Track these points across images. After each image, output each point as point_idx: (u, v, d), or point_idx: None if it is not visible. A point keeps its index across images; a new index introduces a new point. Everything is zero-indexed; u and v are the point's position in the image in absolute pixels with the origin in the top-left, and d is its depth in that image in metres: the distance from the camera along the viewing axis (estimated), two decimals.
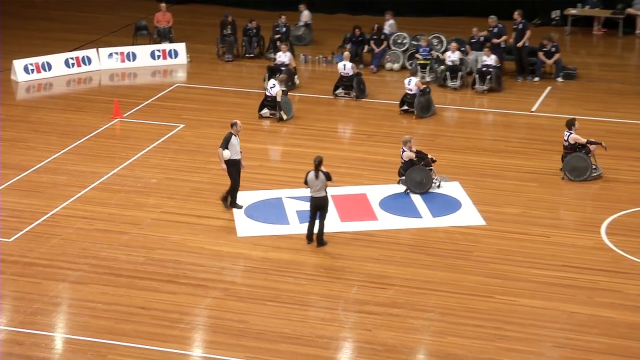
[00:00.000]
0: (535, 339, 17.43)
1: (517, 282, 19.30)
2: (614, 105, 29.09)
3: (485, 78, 30.01)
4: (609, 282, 19.23)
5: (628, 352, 16.97)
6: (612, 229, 21.34)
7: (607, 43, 36.21)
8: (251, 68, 31.70)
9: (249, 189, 23.35)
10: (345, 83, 30.10)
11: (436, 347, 17.24)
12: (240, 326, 17.75)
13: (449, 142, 26.39)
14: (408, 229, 21.54)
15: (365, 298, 18.82)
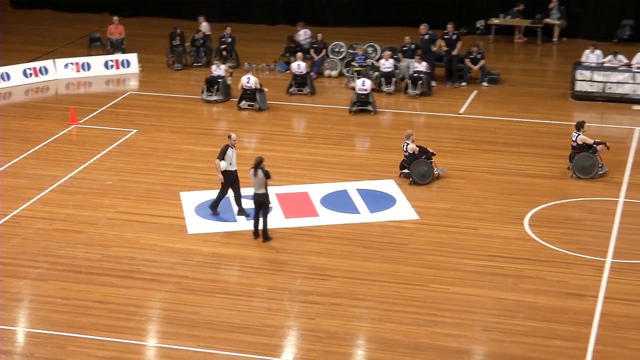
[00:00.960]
0: (466, 324, 17.53)
1: (449, 271, 19.40)
2: (534, 107, 29.34)
3: (417, 83, 30.13)
4: (533, 270, 19.39)
5: (551, 334, 17.12)
6: (534, 221, 21.52)
7: (528, 50, 36.49)
8: (199, 76, 31.51)
9: (199, 189, 23.28)
10: (299, 81, 30.70)
11: (375, 334, 17.28)
12: (192, 317, 17.66)
13: (384, 143, 26.45)
14: (347, 224, 21.55)
15: (308, 289, 18.81)
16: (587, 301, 18.17)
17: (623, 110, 28.89)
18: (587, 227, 21.60)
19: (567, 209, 22.30)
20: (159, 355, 16.81)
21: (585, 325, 17.38)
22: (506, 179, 23.92)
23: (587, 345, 16.77)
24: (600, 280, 18.93)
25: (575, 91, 29.98)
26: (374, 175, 24.09)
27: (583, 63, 30.26)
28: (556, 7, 36.60)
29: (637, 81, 29.32)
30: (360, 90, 28.85)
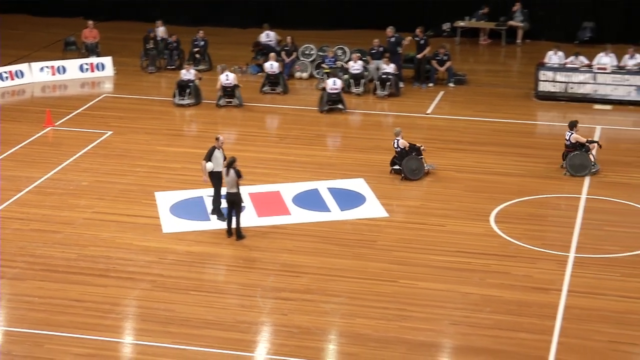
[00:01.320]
0: (434, 318, 17.57)
1: (417, 267, 19.44)
2: (499, 107, 29.45)
3: (385, 84, 30.17)
4: (499, 265, 19.47)
5: (517, 326, 17.21)
6: (500, 218, 21.60)
7: (492, 52, 36.64)
8: (173, 79, 31.38)
9: (174, 189, 23.22)
10: (272, 80, 30.90)
11: (346, 328, 17.29)
12: (167, 314, 17.62)
13: (354, 143, 26.48)
14: (318, 222, 21.55)
15: (280, 285, 18.79)
16: (551, 295, 18.27)
17: (585, 110, 29.03)
18: (551, 223, 21.73)
19: (532, 206, 22.39)
20: (134, 352, 16.73)
21: (550, 318, 17.47)
22: (472, 177, 24.00)
23: (552, 337, 16.86)
24: (563, 275, 19.04)
25: (538, 91, 30.12)
26: (344, 174, 24.11)
27: (546, 64, 30.41)
28: (519, 10, 36.78)
29: (598, 81, 29.51)
30: (332, 90, 28.97)
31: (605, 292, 18.39)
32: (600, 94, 29.53)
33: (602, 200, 22.55)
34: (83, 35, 34.85)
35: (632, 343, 16.79)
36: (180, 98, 29.46)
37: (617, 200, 22.51)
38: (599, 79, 29.55)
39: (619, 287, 18.58)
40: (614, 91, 29.44)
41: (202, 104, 29.70)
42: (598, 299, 18.13)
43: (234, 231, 20.61)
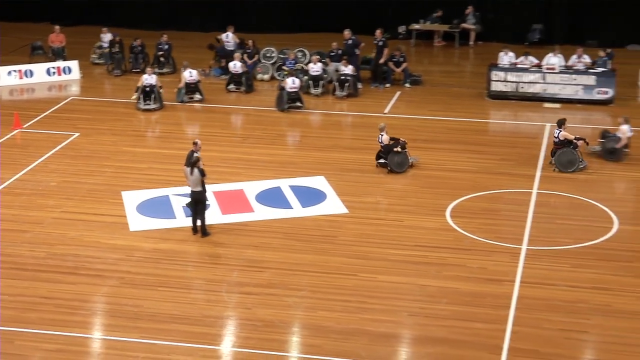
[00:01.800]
0: (393, 310, 17.62)
1: (377, 261, 19.48)
2: (453, 106, 29.57)
3: (344, 85, 30.20)
4: (454, 258, 19.55)
5: (472, 317, 17.29)
6: (455, 213, 21.69)
7: (446, 53, 36.79)
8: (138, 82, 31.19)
9: (140, 188, 23.10)
10: (236, 80, 31.05)
11: (308, 321, 17.29)
12: (135, 310, 17.53)
13: (314, 142, 26.49)
14: (281, 218, 21.53)
15: (244, 280, 18.77)
16: (504, 286, 18.37)
17: (535, 108, 29.25)
18: (504, 217, 21.84)
19: (485, 201, 22.50)
20: (103, 346, 16.64)
21: (504, 308, 17.57)
22: (428, 173, 24.08)
23: (506, 326, 16.96)
24: (516, 266, 19.15)
25: (490, 91, 30.28)
26: (305, 172, 24.10)
27: (497, 65, 30.58)
28: (472, 13, 36.98)
29: (547, 81, 29.72)
30: (291, 89, 29.14)
31: (556, 282, 18.53)
32: (550, 92, 29.74)
33: (552, 194, 22.73)
34: (50, 40, 34.57)
35: (582, 331, 16.94)
36: (145, 103, 29.20)
37: (566, 194, 22.69)
38: (548, 79, 29.76)
39: (569, 277, 18.73)
40: (563, 90, 29.66)
41: (165, 106, 29.52)
42: (549, 289, 18.27)
43: (199, 228, 20.54)
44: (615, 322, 17.14)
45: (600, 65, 29.96)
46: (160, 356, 16.16)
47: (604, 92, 29.41)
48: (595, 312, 17.50)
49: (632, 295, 18.04)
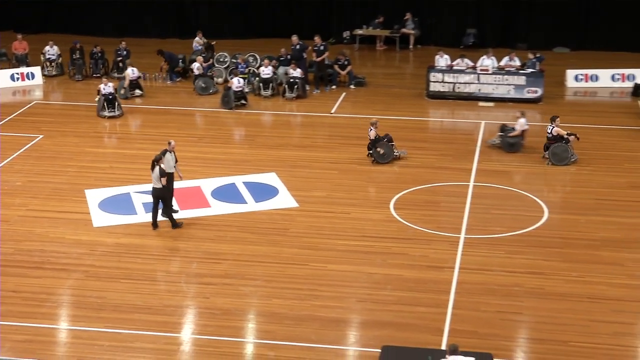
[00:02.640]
0: (343, 296, 17.66)
1: (326, 251, 19.50)
2: (395, 106, 29.67)
3: (293, 87, 30.17)
4: (398, 247, 19.64)
5: (416, 301, 17.39)
6: (399, 205, 21.78)
7: (388, 56, 36.92)
8: (98, 86, 30.87)
9: (102, 186, 22.89)
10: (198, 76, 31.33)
11: (263, 309, 17.28)
12: (99, 301, 17.39)
13: (266, 141, 26.43)
14: (236, 213, 21.47)
15: (203, 272, 18.69)
16: (445, 272, 18.50)
17: (470, 107, 29.45)
18: (444, 208, 21.98)
19: (426, 194, 22.61)
20: (70, 336, 16.48)
21: (444, 292, 17.69)
22: (373, 168, 24.15)
23: (447, 310, 17.08)
24: (455, 254, 19.28)
25: (429, 91, 30.44)
26: (257, 169, 24.05)
27: (435, 67, 30.74)
28: (411, 19, 37.14)
29: (482, 81, 29.94)
30: (237, 88, 29.35)
31: (492, 268, 18.69)
32: (484, 92, 29.96)
33: (487, 186, 22.91)
34: (13, 47, 34.12)
35: (517, 312, 17.11)
36: (109, 111, 28.75)
37: (500, 186, 22.89)
38: (482, 79, 29.98)
39: (504, 263, 18.91)
40: (496, 90, 29.89)
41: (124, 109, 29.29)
42: (486, 275, 18.43)
43: (159, 223, 20.41)
44: (547, 304, 17.34)
45: (530, 67, 30.24)
46: (124, 344, 16.05)
47: (534, 91, 29.70)
48: (528, 295, 17.69)
49: (562, 279, 18.26)
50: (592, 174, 23.68)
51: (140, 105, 29.63)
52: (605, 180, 23.27)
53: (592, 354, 15.75)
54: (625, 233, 20.21)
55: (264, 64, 30.92)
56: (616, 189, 22.83)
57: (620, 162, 24.34)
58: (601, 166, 24.13)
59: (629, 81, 31.39)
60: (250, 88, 30.87)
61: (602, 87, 31.52)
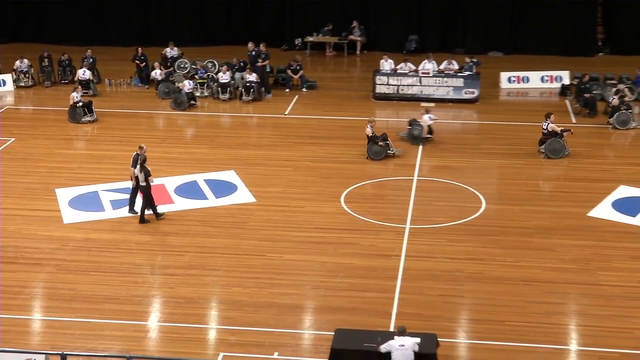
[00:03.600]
0: (298, 284, 17.67)
1: (282, 242, 19.49)
2: (344, 107, 29.71)
3: (249, 91, 30.06)
4: (349, 238, 19.68)
5: (366, 287, 17.46)
6: (348, 198, 21.83)
7: (337, 61, 36.94)
8: (67, 92, 30.48)
9: (72, 185, 22.62)
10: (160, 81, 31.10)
11: (225, 297, 17.23)
12: (71, 293, 17.22)
13: (225, 141, 26.32)
14: (197, 208, 21.35)
15: (167, 263, 18.59)
16: (392, 260, 18.59)
17: (413, 107, 29.50)
18: (390, 201, 22.07)
19: (374, 188, 22.70)
20: (43, 326, 16.28)
21: (392, 279, 17.78)
22: (325, 165, 24.17)
23: (394, 295, 17.17)
24: (402, 243, 19.38)
25: (375, 93, 30.52)
26: (217, 167, 23.94)
27: (381, 70, 30.84)
28: (357, 27, 37.21)
29: (423, 84, 30.08)
30: (189, 90, 29.45)
31: (435, 255, 18.82)
32: (425, 93, 30.11)
33: (430, 180, 23.05)
34: None
35: (458, 295, 17.25)
36: (90, 116, 28.31)
37: (442, 180, 23.04)
38: (423, 82, 30.12)
39: (446, 250, 19.05)
40: (436, 91, 30.06)
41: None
42: (430, 261, 18.55)
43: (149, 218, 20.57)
44: (486, 287, 17.51)
45: (467, 70, 30.48)
46: (94, 332, 15.90)
47: (471, 92, 29.93)
48: (469, 279, 17.84)
49: (499, 264, 18.45)
50: (524, 167, 23.94)
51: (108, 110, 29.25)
52: (537, 173, 23.55)
53: (527, 332, 15.94)
54: (555, 221, 20.47)
55: (222, 70, 30.76)
56: (546, 181, 23.12)
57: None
58: (533, 160, 24.40)
59: (557, 82, 31.81)
60: (209, 92, 30.72)
61: (532, 87, 31.88)
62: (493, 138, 26.34)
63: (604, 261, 18.53)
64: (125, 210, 20.96)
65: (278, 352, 15.30)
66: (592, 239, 19.54)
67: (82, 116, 27.95)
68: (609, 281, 17.69)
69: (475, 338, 15.83)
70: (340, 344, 14.46)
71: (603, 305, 16.81)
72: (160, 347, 15.56)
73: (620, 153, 25.16)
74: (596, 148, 25.44)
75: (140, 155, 20.69)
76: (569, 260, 18.61)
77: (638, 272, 18.03)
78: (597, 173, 23.45)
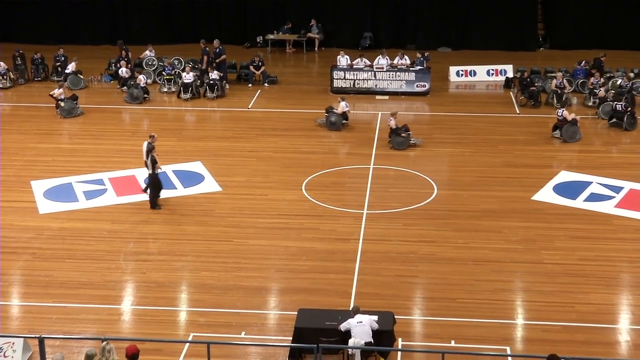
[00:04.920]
0: (263, 268, 17.66)
1: (248, 228, 19.46)
2: (304, 100, 29.67)
3: (213, 88, 29.80)
4: (310, 223, 19.72)
5: (327, 270, 17.52)
6: (309, 186, 21.85)
7: (297, 58, 36.85)
8: (39, 89, 30.09)
9: (46, 177, 22.33)
10: (124, 83, 30.49)
11: (194, 281, 17.17)
12: (47, 279, 17.04)
13: (192, 134, 26.18)
14: (167, 197, 21.20)
15: (139, 250, 18.47)
16: (351, 243, 18.65)
17: (369, 100, 29.67)
18: (348, 188, 22.12)
19: (333, 176, 22.72)
20: (21, 311, 16.11)
21: (351, 261, 17.85)
22: (287, 155, 24.15)
23: (353, 276, 17.24)
24: (360, 227, 19.45)
25: (333, 87, 30.52)
26: (185, 158, 23.80)
27: (338, 66, 30.83)
28: (315, 25, 37.14)
29: (378, 78, 30.14)
30: (143, 84, 29.40)
31: (391, 238, 18.92)
32: (380, 87, 30.19)
33: (385, 168, 23.14)
34: None
35: (413, 276, 17.37)
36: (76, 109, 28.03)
37: (396, 168, 23.14)
38: (378, 76, 30.18)
39: (401, 234, 19.16)
40: (390, 85, 30.15)
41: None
42: (386, 244, 18.65)
43: None
44: (439, 267, 17.65)
45: (418, 64, 30.60)
46: (70, 317, 15.77)
47: (422, 86, 30.06)
48: (423, 260, 17.97)
49: (450, 245, 18.60)
50: (473, 155, 24.13)
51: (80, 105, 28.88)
52: (484, 160, 23.76)
53: (477, 308, 16.10)
54: (501, 204, 20.68)
55: (186, 70, 30.13)
56: (493, 167, 23.34)
57: (496, 145, 24.85)
58: (481, 148, 24.61)
59: (502, 75, 32.07)
60: (176, 88, 30.44)
61: (479, 80, 32.11)
62: (443, 128, 26.51)
63: (546, 241, 18.77)
64: (98, 201, 20.77)
65: (245, 331, 15.30)
66: (535, 221, 19.77)
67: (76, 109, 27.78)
68: (552, 260, 17.94)
69: (429, 315, 15.96)
70: (303, 322, 14.51)
71: (546, 282, 17.05)
72: (134, 329, 15.48)
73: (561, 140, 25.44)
74: (539, 136, 25.72)
75: (149, 144, 20.55)
76: (514, 240, 18.83)
77: (578, 251, 18.31)
78: (540, 159, 23.73)
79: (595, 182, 21.83)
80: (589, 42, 35.87)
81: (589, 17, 36.44)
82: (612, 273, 17.41)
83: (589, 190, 21.38)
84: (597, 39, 36.10)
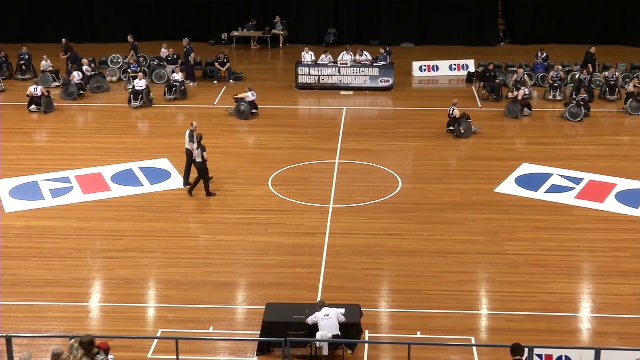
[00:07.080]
0: (231, 263, 17.60)
1: (215, 224, 19.38)
2: (270, 97, 29.51)
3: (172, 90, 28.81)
4: (277, 218, 19.68)
5: (294, 264, 17.51)
6: (275, 182, 21.80)
7: (261, 54, 36.73)
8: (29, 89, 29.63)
9: (12, 176, 22.03)
10: (87, 81, 30.16)
11: (162, 277, 17.06)
12: (14, 278, 16.82)
13: (158, 131, 25.99)
14: (134, 195, 21.05)
15: (106, 247, 18.29)
16: (318, 238, 18.66)
17: (334, 96, 29.68)
18: (315, 183, 22.11)
19: (299, 171, 22.70)
20: None
21: (318, 255, 17.86)
22: (253, 151, 24.08)
23: (320, 270, 17.25)
24: (326, 222, 19.46)
25: (298, 83, 30.49)
26: (152, 156, 23.61)
27: (302, 62, 30.78)
28: (279, 22, 37.05)
29: (342, 74, 30.16)
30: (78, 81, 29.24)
31: (357, 232, 18.95)
32: (344, 83, 30.22)
33: (350, 163, 23.17)
34: None
35: (379, 269, 17.42)
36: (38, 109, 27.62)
37: (361, 162, 23.18)
38: (342, 72, 30.21)
39: (367, 228, 19.20)
40: (354, 80, 30.19)
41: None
42: (352, 238, 18.68)
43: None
44: (404, 260, 17.72)
45: (382, 60, 30.66)
46: (38, 315, 15.58)
47: (386, 81, 30.14)
48: (388, 253, 18.03)
49: (415, 238, 18.68)
50: (436, 148, 24.25)
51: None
52: (447, 154, 23.89)
53: (442, 299, 16.20)
54: (464, 197, 20.81)
55: (139, 77, 29.41)
56: (456, 161, 23.47)
57: (459, 138, 24.98)
58: (444, 142, 24.74)
59: (464, 70, 32.26)
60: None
61: (442, 75, 32.28)
62: (407, 123, 26.60)
63: (509, 232, 18.93)
64: (65, 199, 20.56)
65: (213, 326, 15.24)
66: (498, 213, 19.93)
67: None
68: (514, 251, 18.09)
69: (396, 307, 16.02)
70: (271, 317, 14.49)
71: (509, 273, 17.19)
72: (102, 326, 15.34)
73: (522, 134, 25.66)
74: (500, 130, 25.91)
75: (195, 131, 20.71)
76: (478, 232, 18.96)
77: (540, 242, 18.49)
78: (501, 152, 23.92)
79: (556, 174, 22.06)
80: (548, 37, 36.29)
81: (549, 12, 36.83)
82: (573, 263, 17.62)
83: (550, 182, 21.60)
84: (555, 34, 36.59)
